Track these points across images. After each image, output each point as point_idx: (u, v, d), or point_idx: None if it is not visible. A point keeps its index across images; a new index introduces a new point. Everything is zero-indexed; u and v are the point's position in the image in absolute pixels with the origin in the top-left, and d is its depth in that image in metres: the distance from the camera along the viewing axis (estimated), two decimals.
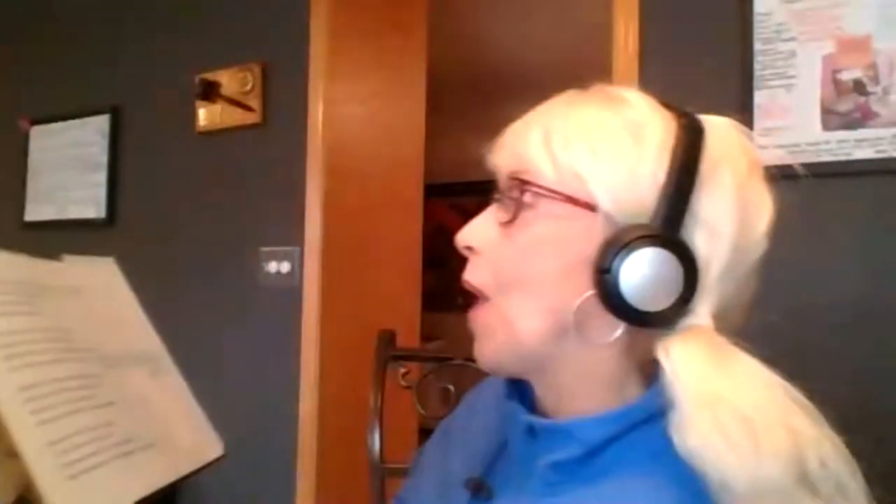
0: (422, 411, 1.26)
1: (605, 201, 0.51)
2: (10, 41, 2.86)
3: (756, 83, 1.44)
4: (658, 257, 0.50)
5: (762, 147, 0.58)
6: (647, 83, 1.82)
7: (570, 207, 0.52)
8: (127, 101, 2.48)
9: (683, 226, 0.51)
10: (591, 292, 0.51)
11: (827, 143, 1.38)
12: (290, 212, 2.07)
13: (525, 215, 0.54)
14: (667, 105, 0.56)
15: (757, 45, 1.45)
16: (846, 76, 1.38)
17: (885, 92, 1.34)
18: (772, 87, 1.43)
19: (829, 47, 1.39)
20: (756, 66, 1.45)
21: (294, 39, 2.11)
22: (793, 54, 1.42)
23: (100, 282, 0.70)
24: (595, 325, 0.52)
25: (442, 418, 0.78)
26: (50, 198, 2.63)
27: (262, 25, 2.21)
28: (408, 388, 1.26)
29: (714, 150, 0.53)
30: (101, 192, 2.49)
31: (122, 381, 0.63)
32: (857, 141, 1.36)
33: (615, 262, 0.50)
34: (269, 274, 2.10)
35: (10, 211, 2.72)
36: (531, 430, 0.57)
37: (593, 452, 0.52)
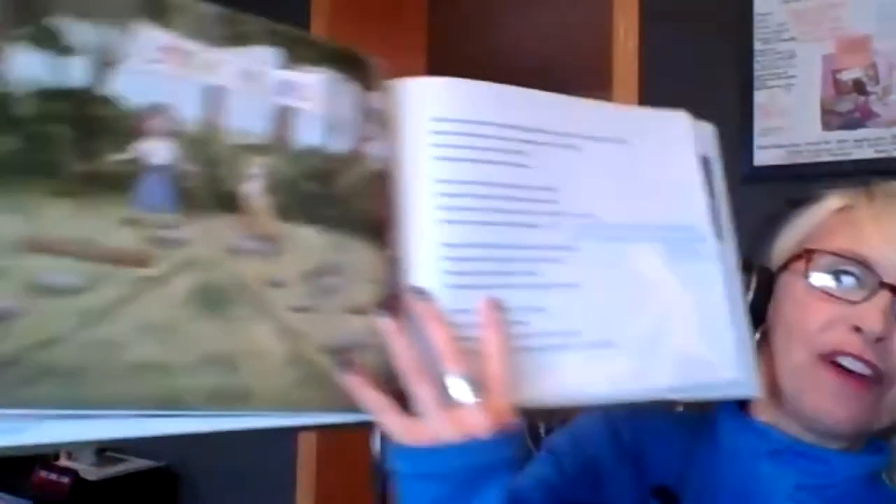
0: None
1: None
2: None
3: (756, 83, 1.44)
4: None
5: (762, 147, 0.58)
6: (647, 83, 1.81)
7: None
8: None
9: None
10: None
11: (827, 143, 1.38)
12: None
13: None
14: None
15: (757, 45, 1.45)
16: (846, 76, 1.38)
17: (885, 92, 1.34)
18: (771, 87, 1.43)
19: (828, 47, 1.39)
20: (756, 66, 1.45)
21: None
22: (792, 54, 1.42)
23: (659, 138, 0.58)
24: None
25: None
26: None
27: None
28: None
29: None
30: None
31: (612, 259, 0.53)
32: (856, 141, 1.36)
33: None
34: None
35: None
36: (777, 452, 0.60)
37: (848, 482, 0.58)
